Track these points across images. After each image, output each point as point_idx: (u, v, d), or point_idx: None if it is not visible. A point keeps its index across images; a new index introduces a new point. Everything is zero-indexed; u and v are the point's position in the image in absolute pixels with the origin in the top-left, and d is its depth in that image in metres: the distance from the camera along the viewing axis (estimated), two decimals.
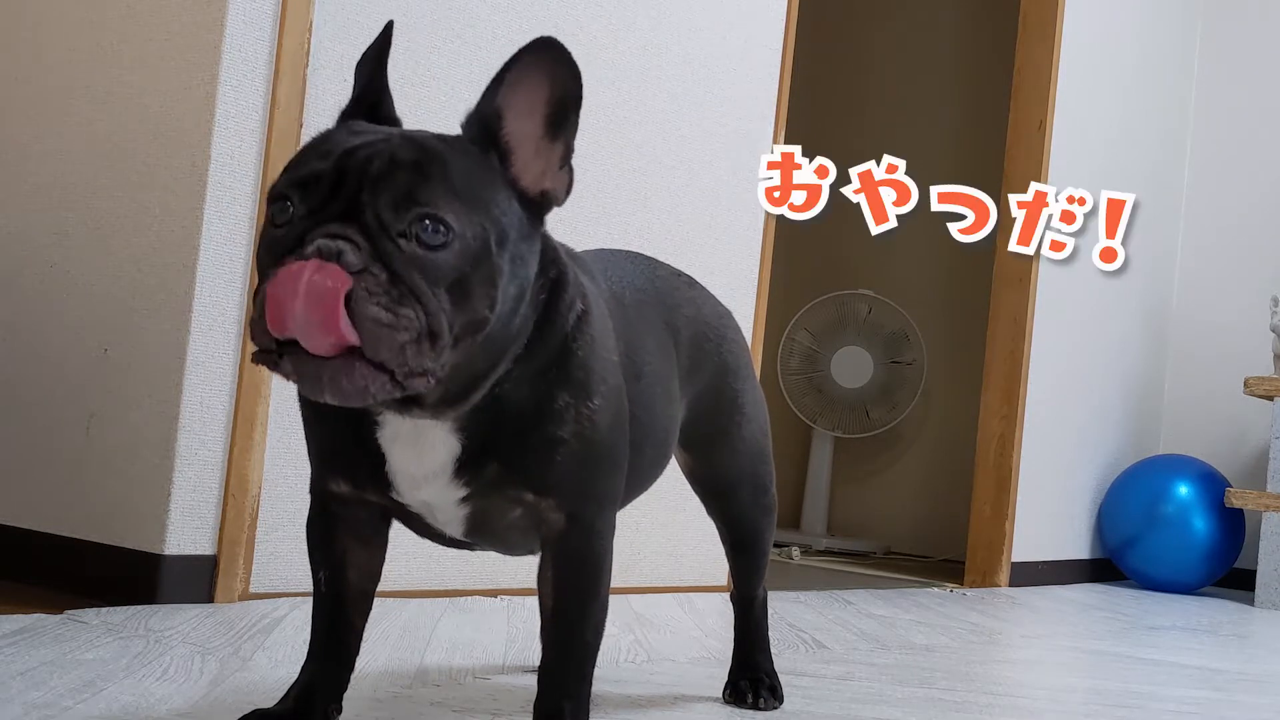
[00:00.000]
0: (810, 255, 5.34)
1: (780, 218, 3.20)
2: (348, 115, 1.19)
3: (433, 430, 1.18)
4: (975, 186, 4.99)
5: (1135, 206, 3.18)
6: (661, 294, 1.49)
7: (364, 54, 1.22)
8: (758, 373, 3.15)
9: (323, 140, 1.12)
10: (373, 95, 1.20)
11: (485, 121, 1.15)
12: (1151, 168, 4.79)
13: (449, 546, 1.35)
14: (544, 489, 1.22)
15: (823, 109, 5.38)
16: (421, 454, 1.19)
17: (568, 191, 1.18)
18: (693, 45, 2.96)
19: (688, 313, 1.53)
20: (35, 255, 2.32)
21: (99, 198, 2.25)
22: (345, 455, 1.23)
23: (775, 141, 3.18)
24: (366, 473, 1.22)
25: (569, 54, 1.15)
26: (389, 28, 1.21)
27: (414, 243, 1.04)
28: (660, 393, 1.40)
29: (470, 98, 1.18)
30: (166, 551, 2.07)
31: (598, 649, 1.28)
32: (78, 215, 2.27)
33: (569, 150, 1.18)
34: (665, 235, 2.87)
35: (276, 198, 1.08)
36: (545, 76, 1.15)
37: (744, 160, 3.10)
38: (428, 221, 1.05)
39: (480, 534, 1.28)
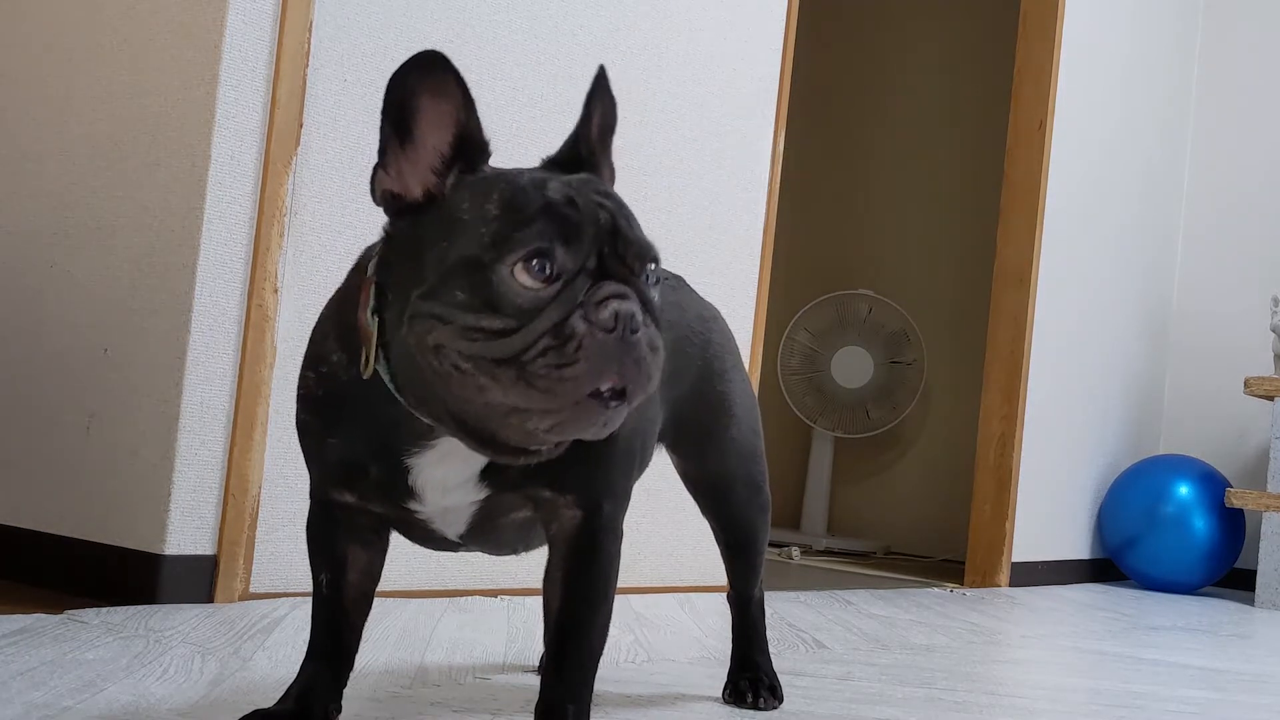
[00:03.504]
0: (810, 255, 5.34)
1: (780, 217, 3.20)
2: (475, 156, 1.16)
3: None
4: (975, 186, 5.02)
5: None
6: None
7: (406, 77, 1.13)
8: (758, 373, 3.17)
9: (537, 188, 1.11)
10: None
11: (591, 154, 1.22)
12: (1151, 167, 4.79)
13: (436, 549, 1.35)
14: (563, 485, 1.23)
15: (823, 109, 5.38)
16: (467, 462, 1.19)
17: None
18: (693, 45, 2.97)
19: (669, 317, 1.53)
20: (36, 255, 2.33)
21: (99, 198, 2.25)
22: (356, 470, 1.22)
23: (775, 141, 3.18)
24: (379, 486, 1.21)
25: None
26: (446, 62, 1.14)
27: (647, 289, 1.13)
28: None
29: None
30: (166, 551, 2.07)
31: (602, 651, 1.28)
32: (78, 215, 2.27)
33: (613, 174, 1.25)
34: (665, 235, 2.87)
35: (537, 253, 1.07)
36: (602, 105, 1.23)
37: (744, 161, 3.10)
38: (653, 267, 1.14)
39: (477, 533, 1.28)
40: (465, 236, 1.09)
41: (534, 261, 1.07)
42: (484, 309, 1.07)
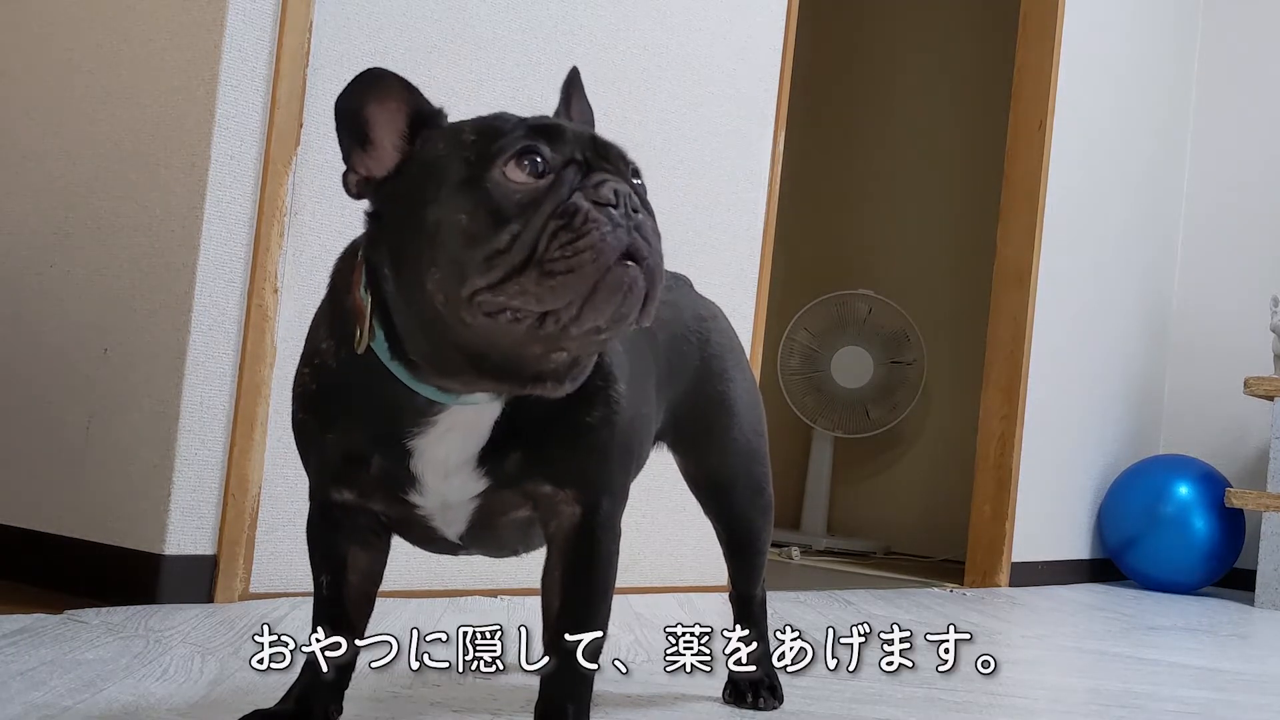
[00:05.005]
0: (810, 255, 5.34)
1: (780, 217, 3.20)
2: (432, 121, 1.18)
3: (488, 412, 1.18)
4: (975, 186, 5.02)
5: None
6: None
7: (352, 95, 1.17)
8: (758, 373, 3.17)
9: (505, 115, 1.14)
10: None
11: None
12: (1151, 167, 4.79)
13: (436, 551, 1.35)
14: (563, 480, 1.22)
15: (823, 109, 5.38)
16: (466, 441, 1.18)
17: None
18: (693, 45, 2.96)
19: (665, 315, 1.52)
20: (36, 255, 2.33)
21: (99, 198, 2.25)
22: (357, 463, 1.22)
23: (775, 141, 3.18)
24: (381, 477, 1.21)
25: None
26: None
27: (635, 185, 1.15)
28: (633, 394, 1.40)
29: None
30: (166, 551, 2.07)
31: (601, 650, 1.28)
32: (78, 215, 2.27)
33: None
34: (665, 235, 2.85)
35: (526, 151, 1.08)
36: (578, 104, 1.30)
37: (744, 161, 3.10)
38: (636, 177, 1.16)
39: (477, 533, 1.28)
40: (451, 166, 1.10)
41: (524, 159, 1.08)
42: (488, 223, 1.06)
